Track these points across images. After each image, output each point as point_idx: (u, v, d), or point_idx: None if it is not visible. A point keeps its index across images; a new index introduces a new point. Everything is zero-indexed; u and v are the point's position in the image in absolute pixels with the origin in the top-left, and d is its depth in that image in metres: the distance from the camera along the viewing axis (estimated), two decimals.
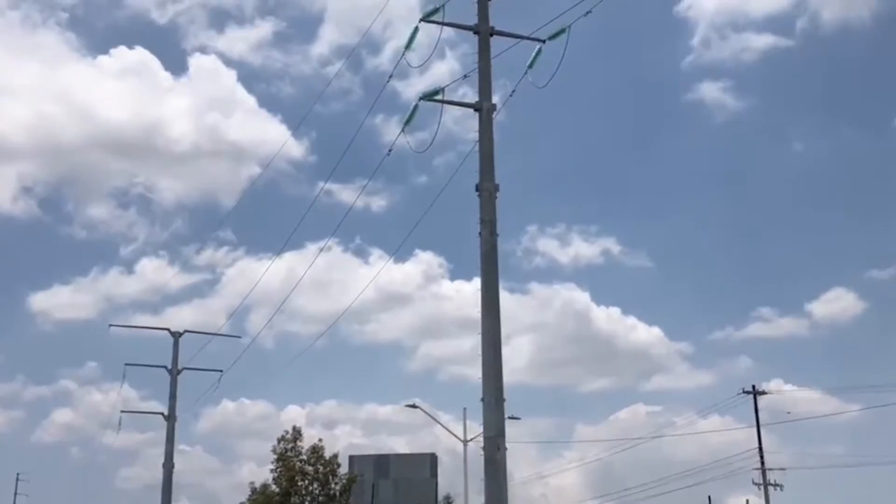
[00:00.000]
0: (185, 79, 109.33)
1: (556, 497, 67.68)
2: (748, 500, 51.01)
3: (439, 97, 17.64)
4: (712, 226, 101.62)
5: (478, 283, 16.20)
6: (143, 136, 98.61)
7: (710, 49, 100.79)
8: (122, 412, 46.06)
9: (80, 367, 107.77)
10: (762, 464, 48.72)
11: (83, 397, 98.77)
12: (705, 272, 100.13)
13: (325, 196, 65.81)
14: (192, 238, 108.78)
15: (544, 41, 17.88)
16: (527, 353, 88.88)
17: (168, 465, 39.06)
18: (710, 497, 53.91)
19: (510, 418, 19.29)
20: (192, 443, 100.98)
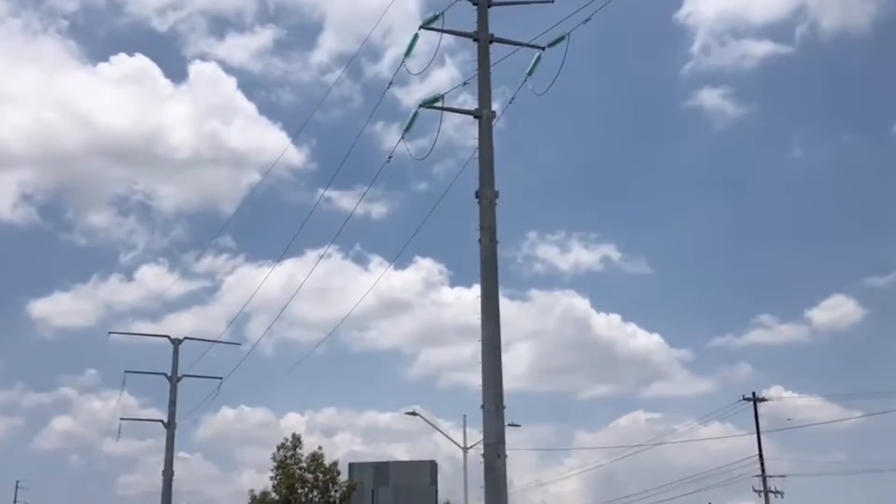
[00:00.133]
0: (186, 86, 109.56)
1: None
2: None
3: (439, 104, 17.67)
4: (712, 232, 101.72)
5: (478, 289, 16.20)
6: (143, 144, 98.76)
7: (709, 56, 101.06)
8: (122, 419, 46.18)
9: (80, 374, 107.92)
10: (763, 471, 48.66)
11: (83, 405, 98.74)
12: (705, 279, 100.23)
13: (325, 203, 65.90)
14: (192, 245, 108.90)
15: (544, 48, 17.90)
16: (527, 360, 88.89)
17: (168, 473, 39.01)
18: None
19: (510, 425, 19.30)
20: (192, 450, 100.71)
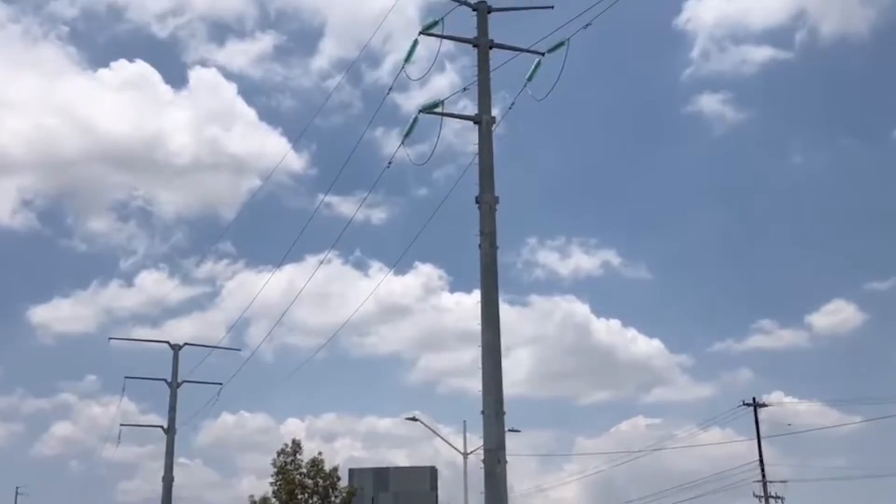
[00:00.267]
0: (186, 92, 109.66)
1: None
2: None
3: (439, 110, 17.68)
4: (712, 237, 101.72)
5: (478, 295, 16.21)
6: (143, 149, 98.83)
7: (709, 61, 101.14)
8: (122, 425, 46.02)
9: (80, 380, 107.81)
10: (763, 476, 48.59)
11: (83, 410, 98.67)
12: (705, 284, 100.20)
13: (325, 208, 65.94)
14: (192, 251, 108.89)
15: (543, 54, 17.94)
16: (527, 366, 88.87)
17: (167, 479, 38.96)
18: None
19: (510, 431, 19.27)
20: (192, 456, 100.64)
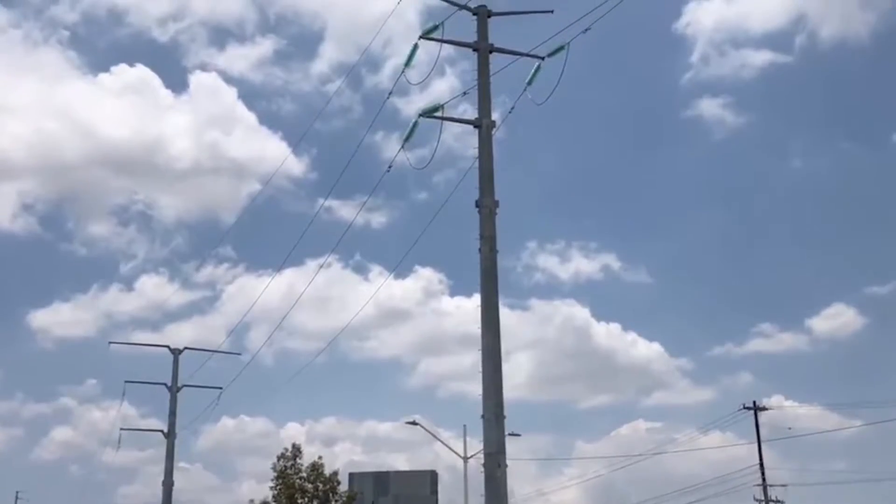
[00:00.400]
0: (186, 96, 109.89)
1: None
2: None
3: (439, 114, 17.72)
4: (712, 241, 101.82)
5: (478, 299, 16.24)
6: (143, 154, 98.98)
7: (709, 65, 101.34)
8: (122, 429, 46.14)
9: (80, 384, 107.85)
10: (763, 480, 48.61)
11: (83, 415, 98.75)
12: (705, 288, 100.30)
13: (325, 212, 66.01)
14: (193, 255, 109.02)
15: (543, 58, 17.99)
16: (527, 370, 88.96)
17: (168, 483, 38.96)
18: None
19: (510, 435, 19.29)
20: (192, 460, 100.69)
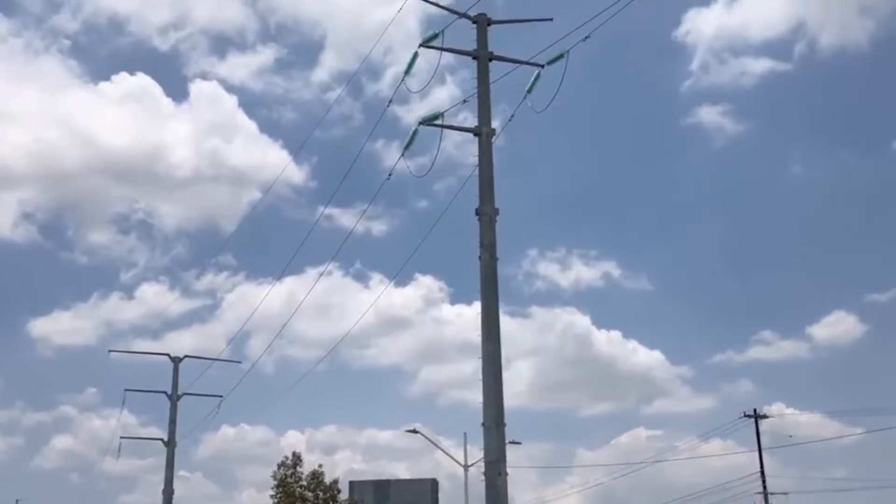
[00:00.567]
0: (187, 105, 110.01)
1: None
2: None
3: (439, 122, 17.73)
4: (712, 249, 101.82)
5: (478, 307, 16.23)
6: (144, 162, 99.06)
7: (708, 73, 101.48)
8: (122, 438, 46.05)
9: (80, 392, 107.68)
10: (764, 488, 48.53)
11: (83, 423, 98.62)
12: (706, 295, 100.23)
13: (326, 220, 66.05)
14: (193, 263, 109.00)
15: (543, 66, 18.00)
16: (528, 378, 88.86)
17: (168, 492, 38.92)
18: None
19: (511, 443, 19.22)
20: (192, 469, 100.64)
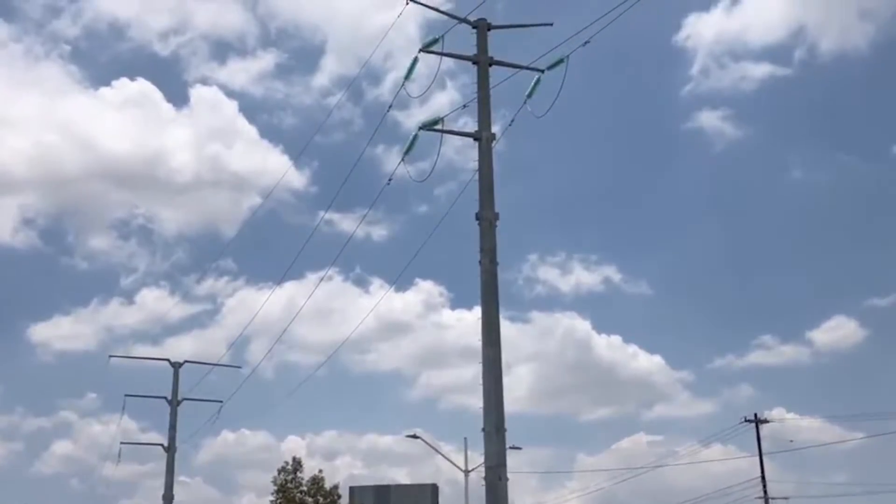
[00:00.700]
0: (187, 110, 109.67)
1: None
2: None
3: (439, 126, 17.70)
4: (713, 253, 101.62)
5: (478, 311, 16.16)
6: (144, 167, 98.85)
7: (708, 78, 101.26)
8: (122, 443, 46.05)
9: (80, 398, 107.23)
10: (765, 493, 48.46)
11: (83, 429, 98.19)
12: (706, 300, 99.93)
13: (326, 225, 65.99)
14: (193, 268, 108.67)
15: (543, 71, 17.94)
16: (528, 382, 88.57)
17: (168, 497, 38.89)
18: None
19: (511, 448, 19.22)
20: (192, 474, 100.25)
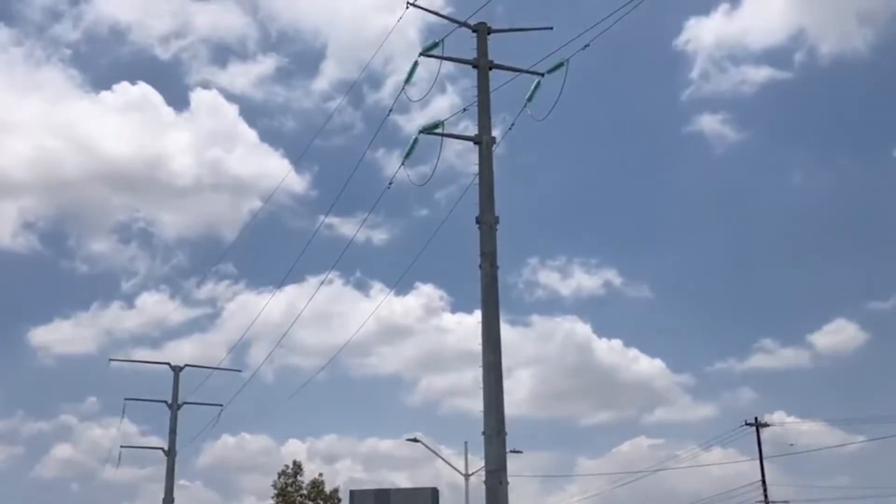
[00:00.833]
0: (187, 114, 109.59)
1: None
2: None
3: (439, 130, 17.65)
4: (713, 257, 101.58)
5: (479, 315, 16.12)
6: (144, 171, 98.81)
7: (709, 82, 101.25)
8: (122, 447, 45.82)
9: (81, 401, 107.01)
10: (765, 497, 48.40)
11: (83, 432, 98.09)
12: (706, 303, 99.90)
13: (326, 229, 65.83)
14: (193, 272, 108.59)
15: (543, 74, 17.93)
16: (528, 386, 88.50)
17: (168, 501, 38.86)
18: None
19: (512, 452, 19.16)
20: (192, 478, 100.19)
